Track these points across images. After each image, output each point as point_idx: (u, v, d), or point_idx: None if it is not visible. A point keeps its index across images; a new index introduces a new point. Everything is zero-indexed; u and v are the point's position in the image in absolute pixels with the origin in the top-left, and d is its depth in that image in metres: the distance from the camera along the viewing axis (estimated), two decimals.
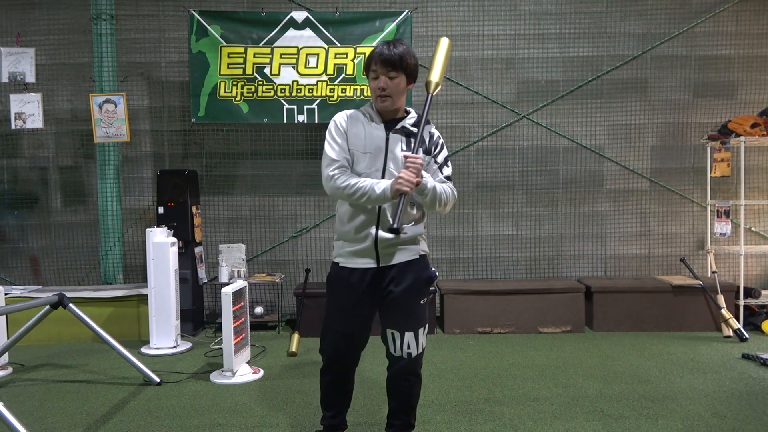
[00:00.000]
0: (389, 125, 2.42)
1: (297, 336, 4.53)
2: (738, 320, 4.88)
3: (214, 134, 5.52)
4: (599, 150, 5.56)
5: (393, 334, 2.48)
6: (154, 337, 4.52)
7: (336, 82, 5.19)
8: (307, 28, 5.18)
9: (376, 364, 4.06)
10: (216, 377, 3.84)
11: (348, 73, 5.19)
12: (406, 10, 5.21)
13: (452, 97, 5.51)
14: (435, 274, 2.55)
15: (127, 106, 5.14)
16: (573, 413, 3.22)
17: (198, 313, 5.18)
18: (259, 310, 5.23)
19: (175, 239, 4.65)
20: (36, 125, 5.16)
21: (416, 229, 2.47)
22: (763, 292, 5.19)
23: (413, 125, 2.43)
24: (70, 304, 3.69)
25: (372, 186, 2.30)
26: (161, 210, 5.04)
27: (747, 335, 4.67)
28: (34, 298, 4.59)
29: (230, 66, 5.18)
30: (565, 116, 5.55)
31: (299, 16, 5.18)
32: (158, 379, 3.76)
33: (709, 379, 3.77)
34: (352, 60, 5.19)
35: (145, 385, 3.76)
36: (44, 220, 5.54)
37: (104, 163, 5.32)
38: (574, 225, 5.61)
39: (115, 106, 5.10)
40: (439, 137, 2.48)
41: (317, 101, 5.20)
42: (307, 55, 5.20)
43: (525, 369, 4.02)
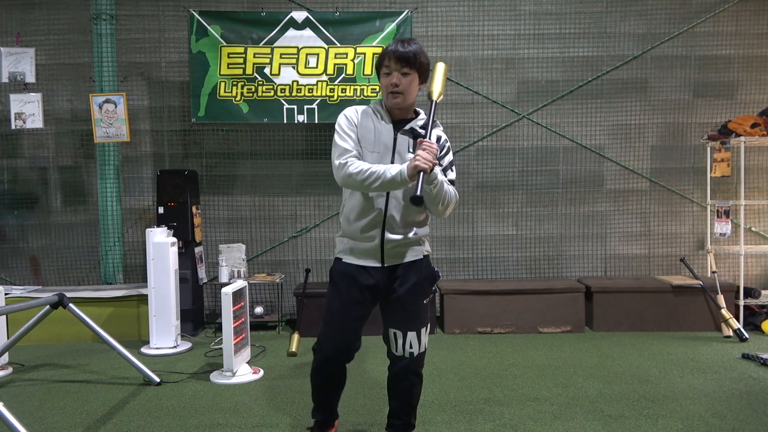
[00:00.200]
0: (398, 125, 2.41)
1: (297, 336, 4.53)
2: (738, 320, 4.88)
3: (214, 134, 5.52)
4: (599, 150, 5.56)
5: (395, 333, 2.49)
6: (154, 337, 4.52)
7: (336, 82, 5.19)
8: (307, 28, 5.18)
9: (376, 364, 4.07)
10: (216, 377, 3.84)
11: (348, 73, 5.19)
12: (406, 10, 5.21)
13: (452, 97, 5.51)
14: (438, 274, 2.56)
15: (127, 106, 5.14)
16: (573, 413, 3.22)
17: (198, 313, 5.18)
18: (259, 310, 5.23)
19: (175, 239, 4.65)
20: (36, 125, 5.16)
21: (422, 230, 2.48)
22: (763, 292, 5.19)
23: (422, 127, 2.40)
24: (70, 304, 3.68)
25: (386, 170, 2.27)
26: (161, 210, 5.04)
27: (747, 335, 4.67)
28: (34, 298, 4.59)
29: (230, 66, 5.18)
30: (565, 116, 5.55)
31: (299, 16, 5.18)
32: (158, 379, 3.76)
33: (709, 379, 3.77)
34: (352, 60, 5.19)
35: (145, 385, 3.76)
36: (44, 220, 5.54)
37: (104, 163, 5.32)
38: (574, 225, 5.61)
39: (115, 106, 5.10)
40: (446, 141, 2.47)
41: (317, 101, 5.20)
42: (307, 55, 5.20)
43: (525, 369, 4.02)
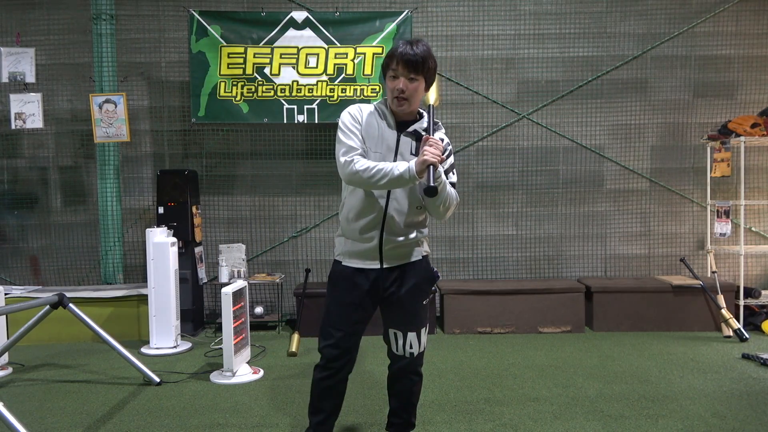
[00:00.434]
0: (401, 126, 2.40)
1: (297, 336, 4.53)
2: (738, 320, 4.88)
3: (214, 134, 5.52)
4: (599, 150, 5.56)
5: (396, 334, 2.50)
6: (154, 337, 4.52)
7: (336, 82, 5.19)
8: (307, 28, 5.18)
9: (376, 364, 4.07)
10: (216, 377, 3.84)
11: (348, 73, 5.19)
12: (406, 10, 5.21)
13: (452, 97, 5.51)
14: (438, 274, 2.56)
15: (127, 106, 5.14)
16: (573, 413, 3.22)
17: (198, 313, 5.18)
18: (259, 310, 5.23)
19: (175, 239, 4.65)
20: (36, 125, 5.16)
21: (421, 231, 2.48)
22: (763, 292, 5.19)
23: (425, 129, 2.38)
24: (70, 304, 3.68)
25: (393, 167, 2.25)
26: (161, 210, 5.04)
27: (747, 335, 4.67)
28: (34, 298, 4.59)
29: (230, 66, 5.18)
30: (565, 116, 5.55)
31: (299, 16, 5.18)
32: (158, 379, 3.76)
33: (709, 379, 3.77)
34: (352, 60, 5.19)
35: (145, 385, 3.76)
36: (44, 220, 5.54)
37: (104, 163, 5.32)
38: (574, 225, 5.61)
39: (115, 106, 5.10)
40: (448, 144, 2.44)
41: (317, 101, 5.20)
42: (307, 55, 5.20)
43: (525, 369, 4.02)
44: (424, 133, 2.38)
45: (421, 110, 2.47)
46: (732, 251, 5.32)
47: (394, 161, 2.36)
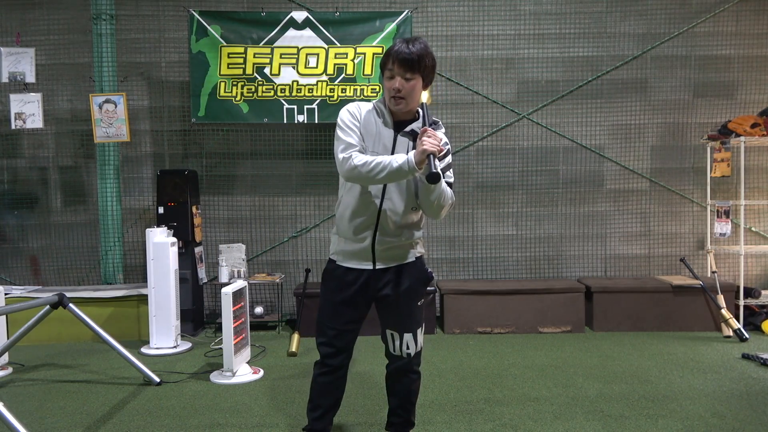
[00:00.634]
0: (398, 126, 2.40)
1: (297, 336, 4.53)
2: (738, 320, 4.88)
3: (214, 134, 5.53)
4: (599, 150, 5.56)
5: (392, 334, 2.51)
6: (154, 337, 4.52)
7: (336, 82, 5.19)
8: (307, 28, 5.18)
9: (375, 364, 4.07)
10: (216, 377, 3.84)
11: (348, 73, 5.19)
12: (406, 10, 5.21)
13: (452, 97, 5.51)
14: (432, 275, 2.56)
15: (127, 106, 5.14)
16: (573, 413, 3.22)
17: (198, 313, 5.18)
18: (259, 310, 5.23)
19: (175, 239, 4.65)
20: (36, 125, 5.16)
21: (415, 233, 2.47)
22: (763, 292, 5.19)
23: (422, 124, 2.39)
24: (70, 304, 3.68)
25: (392, 159, 2.24)
26: (161, 210, 5.04)
27: (747, 335, 4.67)
28: (34, 298, 4.59)
29: (230, 66, 5.18)
30: (565, 116, 5.55)
31: (299, 16, 5.18)
32: (158, 379, 3.76)
33: (709, 379, 3.77)
34: (352, 60, 5.19)
35: (145, 385, 3.76)
36: (44, 220, 5.55)
37: (104, 163, 5.32)
38: (574, 225, 5.61)
39: (115, 106, 5.10)
40: (447, 143, 2.42)
41: (317, 101, 5.20)
42: (307, 55, 5.20)
43: (525, 369, 4.02)
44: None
45: (419, 109, 2.47)
46: (732, 251, 5.32)
47: None
